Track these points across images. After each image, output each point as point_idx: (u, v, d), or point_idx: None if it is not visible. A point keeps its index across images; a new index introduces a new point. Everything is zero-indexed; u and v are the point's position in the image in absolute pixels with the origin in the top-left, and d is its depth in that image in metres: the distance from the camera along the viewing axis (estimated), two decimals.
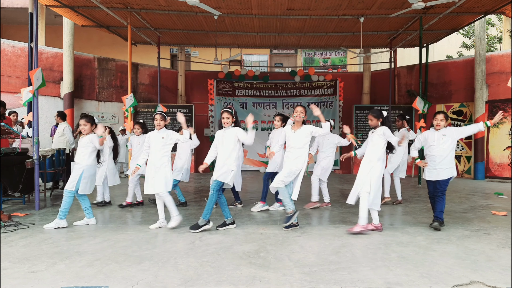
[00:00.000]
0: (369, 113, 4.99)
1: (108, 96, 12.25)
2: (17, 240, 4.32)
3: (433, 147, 4.97)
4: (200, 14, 9.36)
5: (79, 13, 9.54)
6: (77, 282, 3.09)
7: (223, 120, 4.90)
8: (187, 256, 3.75)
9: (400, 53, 14.10)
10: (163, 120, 5.01)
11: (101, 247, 4.08)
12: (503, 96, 10.88)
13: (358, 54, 10.38)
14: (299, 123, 4.98)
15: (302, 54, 19.71)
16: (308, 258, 3.72)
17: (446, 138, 4.92)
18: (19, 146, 6.23)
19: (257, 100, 13.58)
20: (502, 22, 13.62)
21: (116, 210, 6.12)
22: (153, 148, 4.93)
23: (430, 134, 5.08)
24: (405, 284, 3.08)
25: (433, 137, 5.01)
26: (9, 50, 10.23)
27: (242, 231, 4.78)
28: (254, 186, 8.96)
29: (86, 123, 5.08)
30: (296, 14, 9.47)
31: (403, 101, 13.11)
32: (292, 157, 4.91)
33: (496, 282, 3.13)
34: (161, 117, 5.00)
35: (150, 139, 4.98)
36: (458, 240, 4.43)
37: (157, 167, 4.88)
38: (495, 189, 8.88)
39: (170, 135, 5.00)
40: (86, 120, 5.10)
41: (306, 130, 4.94)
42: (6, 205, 6.42)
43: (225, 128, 4.93)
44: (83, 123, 5.07)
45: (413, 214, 5.95)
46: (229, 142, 4.84)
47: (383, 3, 8.60)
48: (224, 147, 4.85)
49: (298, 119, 4.93)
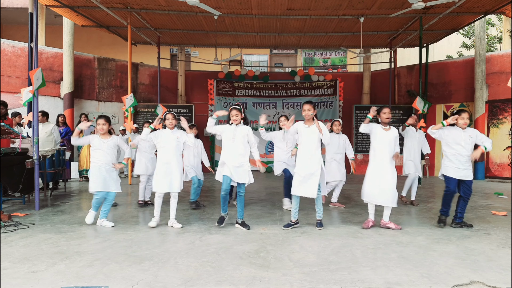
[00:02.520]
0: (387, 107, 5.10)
1: (108, 96, 12.25)
2: (17, 240, 4.32)
3: (459, 146, 4.95)
4: (200, 14, 9.36)
5: (79, 13, 9.54)
6: (77, 282, 3.09)
7: (233, 118, 4.92)
8: (187, 256, 3.75)
9: (400, 53, 14.10)
10: (174, 119, 5.10)
11: (101, 247, 4.08)
12: (503, 96, 10.88)
13: (358, 54, 10.38)
14: (310, 119, 4.97)
15: (302, 54, 19.71)
16: (308, 258, 3.72)
17: (472, 140, 4.96)
18: (19, 146, 6.23)
19: (257, 100, 13.58)
20: (502, 22, 13.62)
21: (116, 210, 6.12)
22: (167, 147, 5.00)
23: (456, 132, 5.01)
24: (405, 284, 3.08)
25: (459, 136, 4.97)
26: (9, 50, 10.23)
27: (242, 231, 4.78)
28: (254, 186, 8.95)
29: (106, 122, 5.13)
30: (296, 14, 9.47)
31: (403, 101, 13.11)
32: (307, 155, 4.88)
33: (496, 282, 3.13)
34: (173, 117, 5.10)
35: (161, 138, 5.03)
36: (458, 240, 4.43)
37: (172, 166, 4.97)
38: (495, 189, 8.89)
39: (182, 135, 5.12)
40: (105, 120, 5.14)
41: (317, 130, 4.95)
42: (6, 205, 6.42)
43: (236, 126, 4.95)
44: (102, 123, 5.10)
45: (413, 214, 5.95)
46: (241, 140, 4.91)
47: (383, 3, 8.60)
48: (236, 144, 4.89)
49: (308, 116, 4.93)
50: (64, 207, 6.36)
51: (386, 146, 4.94)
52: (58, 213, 5.82)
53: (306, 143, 4.92)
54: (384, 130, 5.00)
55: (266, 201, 6.89)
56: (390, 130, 5.03)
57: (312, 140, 4.90)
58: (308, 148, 4.89)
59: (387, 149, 4.93)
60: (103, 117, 5.16)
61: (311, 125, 4.94)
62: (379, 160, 4.94)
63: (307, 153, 4.89)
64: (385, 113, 5.02)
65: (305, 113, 4.92)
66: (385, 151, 4.93)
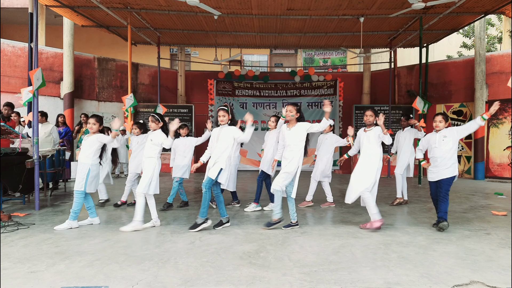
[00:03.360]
0: (369, 109, 5.19)
1: (108, 96, 12.25)
2: (17, 240, 4.32)
3: (435, 148, 4.97)
4: (200, 14, 9.36)
5: (79, 13, 9.54)
6: (77, 282, 3.09)
7: (219, 118, 4.92)
8: (187, 256, 3.75)
9: (400, 53, 14.10)
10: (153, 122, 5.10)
11: (101, 247, 4.07)
12: (503, 96, 10.88)
13: (358, 54, 10.38)
14: (292, 121, 4.97)
15: (302, 54, 19.71)
16: (308, 258, 3.72)
17: (447, 139, 4.90)
18: (19, 146, 6.23)
19: (257, 100, 13.58)
20: (502, 22, 13.62)
21: (116, 210, 6.12)
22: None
23: (431, 136, 5.10)
24: (405, 284, 3.08)
25: (434, 138, 5.02)
26: (9, 50, 10.23)
27: (242, 231, 4.78)
28: (254, 186, 8.94)
29: (96, 122, 5.08)
30: (296, 14, 9.48)
31: (403, 101, 13.11)
32: (289, 157, 4.89)
33: (496, 282, 3.13)
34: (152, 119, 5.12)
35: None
36: (458, 240, 4.43)
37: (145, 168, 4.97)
38: (495, 189, 8.88)
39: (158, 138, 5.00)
40: (96, 119, 5.09)
41: (302, 127, 4.93)
42: (6, 205, 6.42)
43: (221, 126, 4.94)
44: (92, 122, 5.06)
45: (413, 214, 5.95)
46: (224, 140, 4.85)
47: (383, 3, 8.60)
48: (218, 145, 4.86)
49: (289, 118, 4.95)
50: (64, 207, 6.36)
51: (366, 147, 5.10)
52: (58, 213, 5.81)
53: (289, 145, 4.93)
54: (364, 132, 5.21)
55: (266, 201, 6.87)
56: (371, 130, 5.16)
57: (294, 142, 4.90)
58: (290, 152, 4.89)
59: (366, 149, 5.08)
60: (94, 117, 5.12)
61: (292, 127, 4.97)
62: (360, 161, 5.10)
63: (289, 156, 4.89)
64: (366, 116, 5.25)
65: (286, 114, 4.93)
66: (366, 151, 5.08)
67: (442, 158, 4.89)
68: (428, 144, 5.13)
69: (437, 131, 5.01)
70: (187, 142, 6.33)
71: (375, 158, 4.99)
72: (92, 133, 5.10)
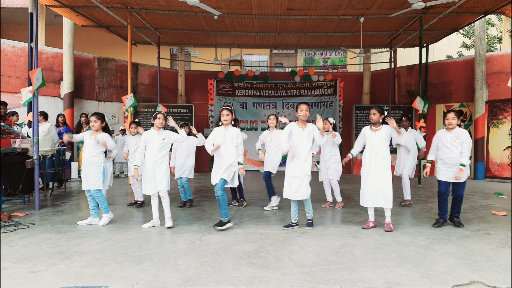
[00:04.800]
0: (373, 108, 4.91)
1: (108, 96, 12.25)
2: (17, 240, 4.32)
3: (446, 149, 4.86)
4: (200, 14, 9.36)
5: (79, 13, 9.54)
6: (77, 282, 3.09)
7: (223, 118, 4.91)
8: (187, 256, 3.75)
9: (400, 53, 14.09)
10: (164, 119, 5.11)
11: (101, 247, 4.08)
12: (503, 96, 10.88)
13: (358, 54, 10.37)
14: (304, 121, 4.90)
15: (302, 54, 19.71)
16: (308, 258, 3.72)
17: (459, 141, 4.81)
18: (19, 146, 6.23)
19: (257, 100, 13.58)
20: (502, 22, 13.62)
21: (116, 210, 6.12)
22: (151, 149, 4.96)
23: (442, 134, 4.95)
24: (405, 284, 3.08)
25: (445, 138, 4.89)
26: (9, 50, 10.23)
27: (242, 231, 4.78)
28: (254, 186, 8.95)
29: (97, 119, 5.09)
30: (296, 14, 9.47)
31: (403, 101, 13.11)
32: (302, 159, 4.77)
33: (496, 282, 3.13)
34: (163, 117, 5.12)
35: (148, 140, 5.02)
36: (458, 240, 4.43)
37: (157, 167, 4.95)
38: (495, 189, 8.88)
39: (170, 136, 5.08)
40: (97, 117, 5.10)
41: (310, 129, 4.87)
42: (6, 205, 6.42)
43: (225, 127, 4.94)
44: (94, 119, 5.08)
45: (413, 214, 5.95)
46: (231, 141, 4.87)
47: (383, 3, 8.60)
48: (227, 146, 4.86)
49: (304, 118, 4.84)
50: (64, 207, 6.37)
51: (376, 146, 4.82)
52: (58, 213, 5.82)
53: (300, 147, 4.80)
54: (372, 131, 4.92)
55: (266, 201, 6.87)
56: (379, 129, 4.88)
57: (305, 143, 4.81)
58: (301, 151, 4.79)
59: (375, 149, 4.82)
60: (95, 114, 5.13)
61: (305, 128, 4.86)
62: (368, 162, 4.86)
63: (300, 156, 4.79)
64: (371, 114, 4.94)
65: (302, 113, 4.81)
66: (374, 151, 4.82)
67: (455, 159, 4.82)
68: (440, 142, 4.96)
69: (449, 129, 4.90)
70: (189, 142, 6.34)
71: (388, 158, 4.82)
72: (95, 130, 5.11)
